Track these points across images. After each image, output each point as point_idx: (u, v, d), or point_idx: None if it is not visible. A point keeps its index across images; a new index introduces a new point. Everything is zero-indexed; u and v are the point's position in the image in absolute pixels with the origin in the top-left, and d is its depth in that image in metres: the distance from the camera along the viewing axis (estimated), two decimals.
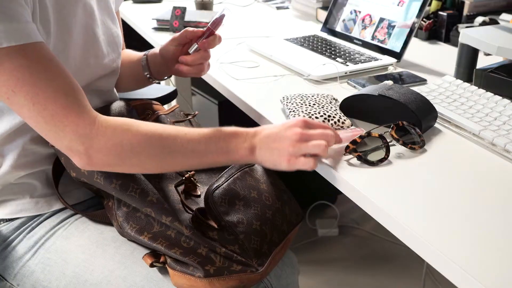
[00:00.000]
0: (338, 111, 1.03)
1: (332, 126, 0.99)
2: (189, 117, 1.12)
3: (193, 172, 0.99)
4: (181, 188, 0.97)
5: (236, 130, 0.86)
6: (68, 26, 0.93)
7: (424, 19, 1.58)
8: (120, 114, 0.99)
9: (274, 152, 0.84)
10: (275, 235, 0.95)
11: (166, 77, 1.19)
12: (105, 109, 0.98)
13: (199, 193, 0.99)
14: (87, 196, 1.03)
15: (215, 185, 0.92)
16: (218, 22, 1.01)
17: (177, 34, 1.08)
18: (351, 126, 1.01)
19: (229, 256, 0.88)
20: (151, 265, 0.90)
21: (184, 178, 0.97)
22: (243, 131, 0.86)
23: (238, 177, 0.96)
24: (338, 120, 1.00)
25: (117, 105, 1.02)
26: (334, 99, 1.09)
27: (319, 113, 1.00)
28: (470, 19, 1.57)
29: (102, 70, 1.03)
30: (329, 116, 1.00)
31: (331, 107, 1.03)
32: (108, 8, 1.06)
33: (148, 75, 1.16)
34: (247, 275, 0.89)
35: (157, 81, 1.20)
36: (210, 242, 0.87)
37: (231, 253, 0.88)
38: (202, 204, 0.93)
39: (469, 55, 1.23)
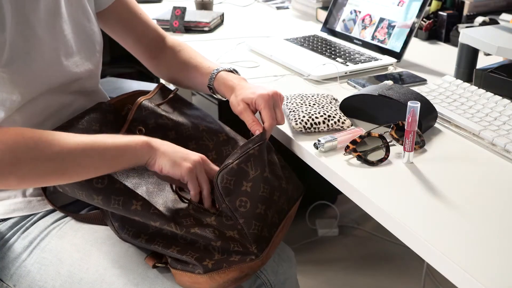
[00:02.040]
0: (338, 111, 1.03)
1: (332, 126, 0.99)
2: (170, 95, 1.09)
3: None
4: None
5: (130, 141, 0.88)
6: (30, 23, 0.91)
7: (424, 19, 1.58)
8: (86, 129, 0.96)
9: (177, 158, 0.89)
10: (276, 216, 0.93)
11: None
12: (70, 124, 0.96)
13: None
14: None
15: (225, 163, 0.89)
16: None
17: (242, 110, 1.00)
18: (351, 126, 1.01)
19: (226, 248, 0.87)
20: (154, 266, 0.90)
21: None
22: (138, 139, 0.88)
23: (254, 153, 0.90)
24: (338, 120, 1.00)
25: (88, 117, 0.98)
26: (334, 99, 1.09)
27: (319, 113, 1.00)
28: (470, 19, 1.57)
29: (77, 68, 1.00)
30: (329, 116, 1.00)
31: (331, 107, 1.03)
32: (81, 6, 1.03)
33: (212, 92, 1.11)
34: (247, 264, 0.88)
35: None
36: (205, 237, 0.87)
37: (228, 244, 0.87)
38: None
39: (469, 55, 1.23)
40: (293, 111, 1.02)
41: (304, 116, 0.99)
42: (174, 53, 1.17)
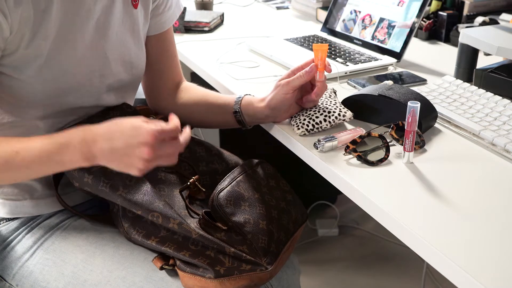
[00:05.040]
0: (338, 103, 1.02)
1: (334, 121, 0.99)
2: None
3: (197, 176, 0.99)
4: (185, 192, 0.96)
5: (68, 141, 0.82)
6: (76, 41, 0.91)
7: (424, 19, 1.58)
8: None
9: (121, 165, 0.82)
10: (282, 234, 0.95)
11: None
12: (90, 121, 0.96)
13: (204, 196, 0.99)
14: (87, 197, 1.03)
15: (220, 188, 0.93)
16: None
17: (283, 82, 1.00)
18: (352, 117, 1.00)
19: (238, 256, 0.88)
20: (161, 268, 0.90)
21: (189, 183, 0.97)
22: (75, 142, 0.81)
23: (241, 179, 0.96)
24: (339, 114, 0.99)
25: (107, 116, 0.98)
26: (333, 92, 1.08)
27: (318, 111, 1.00)
28: (470, 19, 1.57)
29: (108, 89, 1.00)
30: (329, 112, 1.00)
31: (330, 101, 1.03)
32: (133, 30, 1.01)
33: (242, 127, 1.07)
34: (257, 274, 0.89)
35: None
36: (218, 243, 0.88)
37: (240, 253, 0.88)
38: (206, 208, 0.94)
39: (469, 55, 1.23)
40: (294, 116, 1.02)
41: (304, 119, 0.99)
42: (187, 92, 1.13)
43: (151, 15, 1.05)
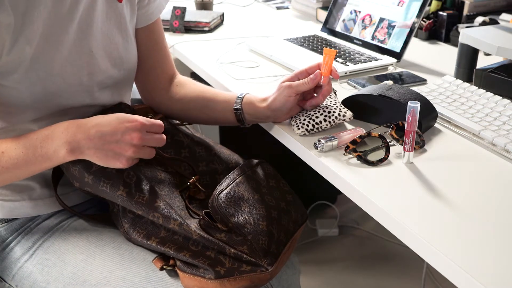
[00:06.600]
0: (338, 103, 1.02)
1: (334, 121, 0.99)
2: (185, 123, 1.12)
3: (197, 176, 0.99)
4: (185, 193, 0.96)
5: (52, 133, 0.85)
6: (59, 44, 0.90)
7: (424, 19, 1.58)
8: None
9: (109, 153, 0.85)
10: (282, 235, 0.95)
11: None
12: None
13: (203, 196, 0.99)
14: (86, 197, 1.03)
15: (219, 189, 0.92)
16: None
17: (287, 85, 0.99)
18: (352, 117, 1.01)
19: (239, 257, 0.88)
20: (161, 269, 0.90)
21: (189, 183, 0.97)
22: (58, 131, 0.85)
23: (241, 180, 0.96)
24: (339, 114, 0.99)
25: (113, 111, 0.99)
26: (333, 92, 1.08)
27: (318, 111, 1.00)
28: (470, 19, 1.57)
29: (100, 86, 0.98)
30: (329, 112, 1.00)
31: (330, 100, 1.03)
32: (119, 24, 1.00)
33: (241, 125, 1.07)
34: (257, 275, 0.89)
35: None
36: (219, 244, 0.88)
37: (240, 254, 0.88)
38: (207, 208, 0.94)
39: (469, 55, 1.23)
40: (294, 116, 1.02)
41: (304, 119, 0.99)
42: (183, 87, 1.12)
43: (138, 6, 1.04)
